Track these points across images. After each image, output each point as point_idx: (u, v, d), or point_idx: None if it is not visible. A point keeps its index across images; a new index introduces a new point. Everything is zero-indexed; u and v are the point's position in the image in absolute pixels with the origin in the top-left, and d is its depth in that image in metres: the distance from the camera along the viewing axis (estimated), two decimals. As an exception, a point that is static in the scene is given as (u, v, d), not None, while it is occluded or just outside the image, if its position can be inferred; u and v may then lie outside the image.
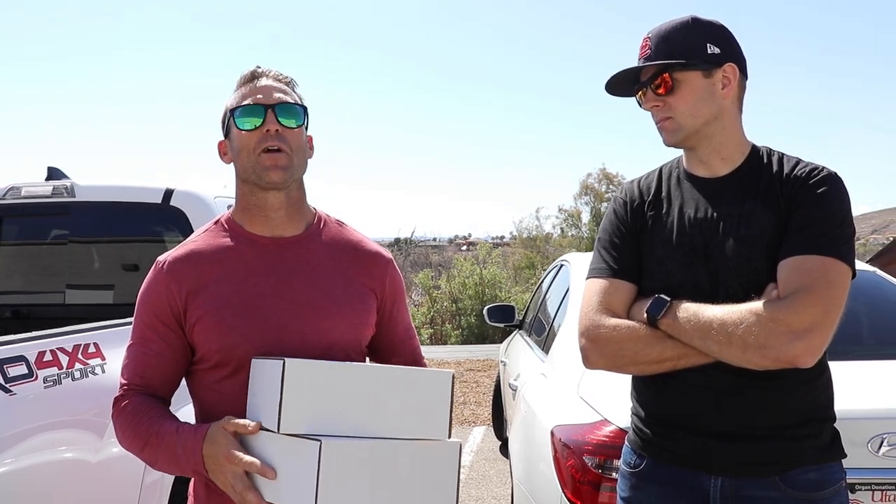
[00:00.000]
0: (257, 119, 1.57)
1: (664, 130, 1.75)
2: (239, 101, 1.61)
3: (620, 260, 1.77)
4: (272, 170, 1.57)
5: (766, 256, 1.63)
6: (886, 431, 2.30)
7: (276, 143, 1.57)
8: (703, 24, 1.72)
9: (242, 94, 1.62)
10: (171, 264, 1.61)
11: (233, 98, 1.64)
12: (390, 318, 1.75)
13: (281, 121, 1.58)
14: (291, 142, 1.59)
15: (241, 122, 1.58)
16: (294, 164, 1.60)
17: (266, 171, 1.57)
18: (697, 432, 1.68)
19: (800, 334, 1.50)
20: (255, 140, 1.57)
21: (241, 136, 1.59)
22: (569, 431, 2.52)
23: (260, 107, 1.58)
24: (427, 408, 1.48)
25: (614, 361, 1.70)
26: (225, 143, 1.67)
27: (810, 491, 1.64)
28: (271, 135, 1.57)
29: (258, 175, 1.58)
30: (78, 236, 3.79)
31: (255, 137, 1.57)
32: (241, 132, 1.59)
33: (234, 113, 1.60)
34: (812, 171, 1.66)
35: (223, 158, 1.68)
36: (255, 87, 1.62)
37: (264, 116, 1.57)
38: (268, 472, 1.37)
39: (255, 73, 1.65)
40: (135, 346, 1.61)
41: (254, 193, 1.62)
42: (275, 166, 1.57)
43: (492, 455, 6.43)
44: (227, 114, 1.64)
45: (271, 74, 1.65)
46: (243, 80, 1.65)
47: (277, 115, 1.58)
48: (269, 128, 1.57)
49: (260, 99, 1.59)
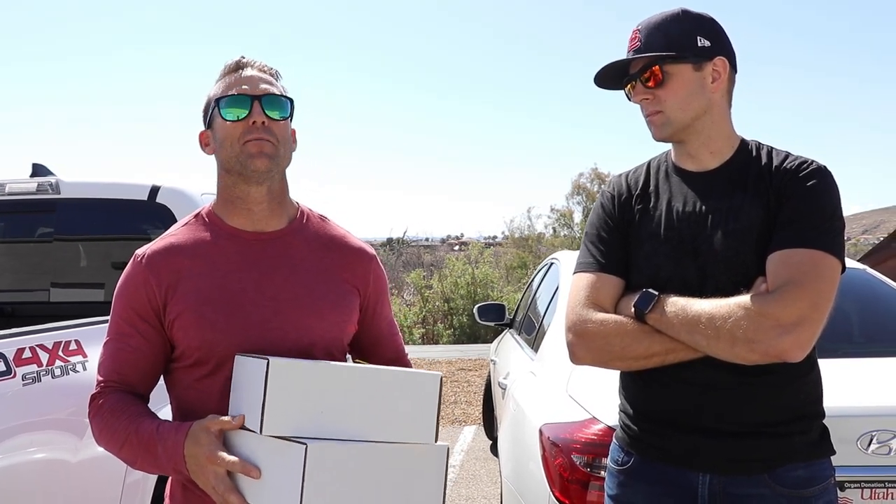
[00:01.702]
0: (243, 110, 1.54)
1: (653, 124, 1.73)
2: (224, 91, 1.57)
3: (608, 254, 1.75)
4: (258, 157, 1.53)
5: (754, 250, 1.61)
6: (876, 429, 2.29)
7: (261, 135, 1.53)
8: (694, 16, 1.70)
9: (227, 83, 1.58)
10: (149, 258, 1.57)
11: (216, 87, 1.60)
12: (374, 315, 1.72)
13: (267, 112, 1.55)
14: (277, 133, 1.56)
15: (227, 113, 1.55)
16: (279, 154, 1.57)
17: (251, 159, 1.53)
18: (685, 429, 1.66)
19: (788, 328, 1.48)
20: (240, 131, 1.54)
21: (226, 126, 1.55)
22: (557, 430, 2.50)
23: (246, 97, 1.54)
24: (414, 410, 1.45)
25: (601, 356, 1.68)
26: (207, 133, 1.63)
27: (799, 488, 1.62)
28: (257, 127, 1.53)
29: (243, 164, 1.54)
30: (63, 234, 3.75)
31: (240, 128, 1.54)
32: (226, 122, 1.55)
33: (218, 103, 1.56)
34: (801, 165, 1.65)
35: (204, 149, 1.64)
36: (241, 76, 1.58)
37: (250, 107, 1.54)
38: (252, 472, 1.34)
39: (240, 62, 1.61)
40: (112, 342, 1.57)
41: (236, 185, 1.58)
42: (260, 153, 1.53)
43: (482, 454, 6.42)
44: (210, 104, 1.60)
45: (256, 65, 1.61)
46: (227, 70, 1.61)
47: (264, 106, 1.55)
48: (255, 119, 1.53)
49: (246, 90, 1.55)
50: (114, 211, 3.69)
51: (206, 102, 1.63)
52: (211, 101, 1.60)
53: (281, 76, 1.65)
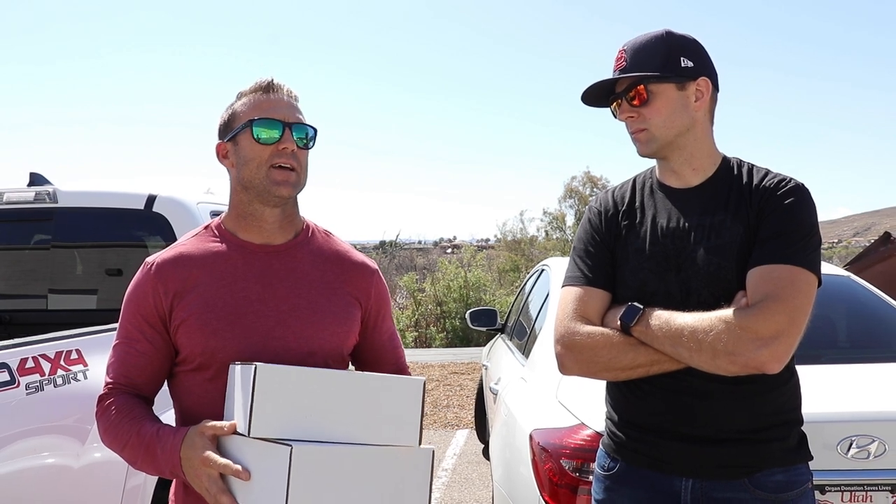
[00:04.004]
0: (275, 134, 1.60)
1: (638, 141, 1.79)
2: (256, 111, 1.62)
3: (595, 269, 1.81)
4: (283, 185, 1.61)
5: (735, 265, 1.67)
6: (855, 434, 2.35)
7: (290, 162, 1.61)
8: (677, 37, 1.76)
9: (258, 104, 1.63)
10: (159, 266, 1.63)
11: (244, 103, 1.65)
12: (375, 328, 1.78)
13: (297, 140, 1.62)
14: (302, 161, 1.64)
15: (260, 134, 1.60)
16: (300, 181, 1.65)
17: (276, 187, 1.60)
18: (668, 436, 1.72)
19: (766, 341, 1.54)
20: (269, 154, 1.60)
21: (256, 147, 1.61)
22: (547, 435, 2.56)
23: (279, 122, 1.61)
24: (398, 414, 1.51)
25: (589, 368, 1.74)
26: (226, 146, 1.67)
27: (777, 492, 1.68)
28: (287, 153, 1.60)
29: (266, 189, 1.61)
30: (60, 242, 3.79)
31: (270, 151, 1.60)
32: (257, 144, 1.61)
33: (252, 122, 1.61)
34: (780, 183, 1.71)
35: (223, 161, 1.69)
36: (271, 99, 1.64)
37: (282, 133, 1.60)
38: (241, 474, 1.40)
39: (272, 84, 1.66)
40: (120, 345, 1.64)
41: (252, 203, 1.65)
42: (286, 182, 1.61)
43: (474, 458, 6.46)
44: (235, 118, 1.65)
45: (285, 90, 1.67)
46: (258, 88, 1.66)
47: (294, 134, 1.62)
48: (286, 146, 1.60)
49: (279, 115, 1.62)
50: (111, 219, 3.72)
51: (230, 116, 1.67)
52: (238, 116, 1.64)
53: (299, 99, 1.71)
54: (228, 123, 1.67)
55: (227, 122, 1.67)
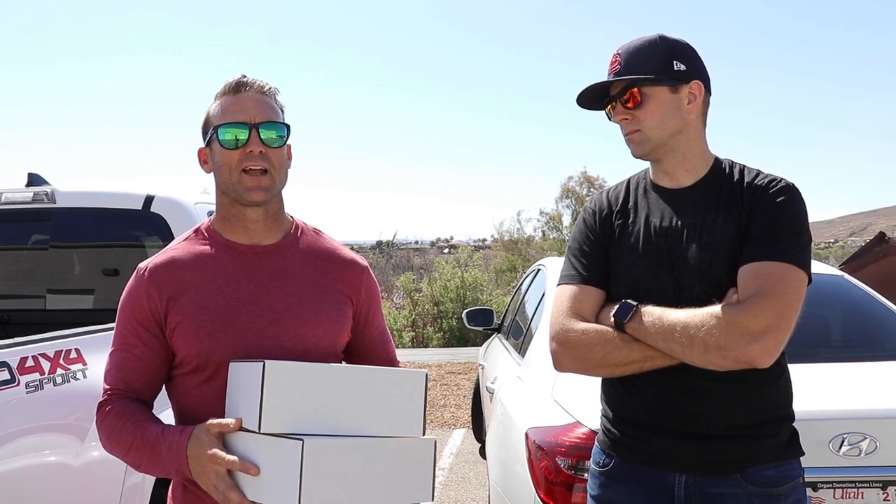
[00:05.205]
0: (241, 138, 1.59)
1: (632, 143, 1.82)
2: (223, 116, 1.61)
3: (589, 267, 1.84)
4: (254, 191, 1.60)
5: (726, 263, 1.70)
6: (847, 431, 2.37)
7: (259, 164, 1.59)
8: (670, 42, 1.79)
9: (226, 106, 1.62)
10: (151, 271, 1.64)
11: (215, 107, 1.64)
12: (366, 324, 1.79)
13: (265, 140, 1.59)
14: (274, 160, 1.61)
15: (225, 140, 1.60)
16: (276, 182, 1.63)
17: (248, 192, 1.60)
18: (662, 432, 1.75)
19: (756, 336, 1.57)
20: (238, 158, 1.59)
21: (224, 152, 1.60)
22: (542, 433, 2.58)
23: (244, 125, 1.59)
24: (402, 406, 1.53)
25: (583, 364, 1.77)
26: (205, 151, 1.67)
27: (769, 487, 1.71)
28: (255, 155, 1.59)
29: (239, 194, 1.61)
30: (58, 242, 3.80)
31: (238, 155, 1.59)
32: (224, 149, 1.60)
33: (217, 129, 1.60)
34: (771, 182, 1.74)
35: (203, 167, 1.69)
36: (239, 100, 1.62)
37: (248, 136, 1.59)
38: (250, 469, 1.41)
39: (240, 83, 1.64)
40: (117, 351, 1.64)
41: (233, 206, 1.65)
42: (256, 188, 1.60)
43: (471, 457, 6.48)
44: (208, 123, 1.65)
45: (255, 86, 1.64)
46: (227, 90, 1.64)
47: (262, 134, 1.59)
48: (252, 149, 1.59)
49: (244, 117, 1.60)
50: (109, 220, 3.73)
51: (205, 121, 1.67)
52: (210, 121, 1.65)
53: (279, 92, 1.69)
54: (204, 128, 1.67)
55: (202, 128, 1.68)
